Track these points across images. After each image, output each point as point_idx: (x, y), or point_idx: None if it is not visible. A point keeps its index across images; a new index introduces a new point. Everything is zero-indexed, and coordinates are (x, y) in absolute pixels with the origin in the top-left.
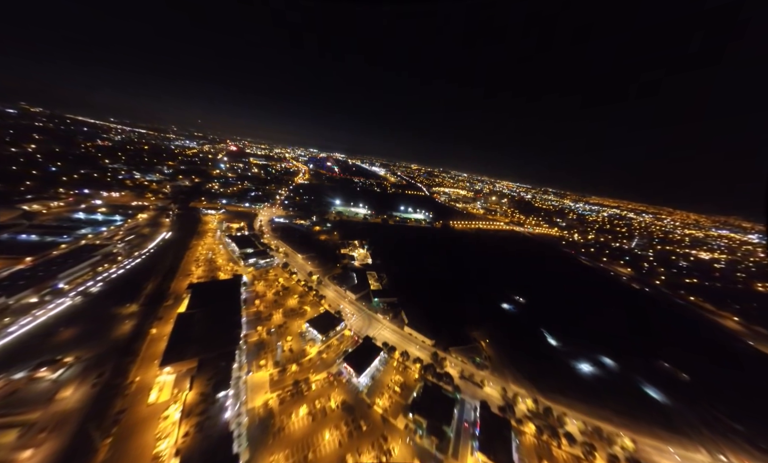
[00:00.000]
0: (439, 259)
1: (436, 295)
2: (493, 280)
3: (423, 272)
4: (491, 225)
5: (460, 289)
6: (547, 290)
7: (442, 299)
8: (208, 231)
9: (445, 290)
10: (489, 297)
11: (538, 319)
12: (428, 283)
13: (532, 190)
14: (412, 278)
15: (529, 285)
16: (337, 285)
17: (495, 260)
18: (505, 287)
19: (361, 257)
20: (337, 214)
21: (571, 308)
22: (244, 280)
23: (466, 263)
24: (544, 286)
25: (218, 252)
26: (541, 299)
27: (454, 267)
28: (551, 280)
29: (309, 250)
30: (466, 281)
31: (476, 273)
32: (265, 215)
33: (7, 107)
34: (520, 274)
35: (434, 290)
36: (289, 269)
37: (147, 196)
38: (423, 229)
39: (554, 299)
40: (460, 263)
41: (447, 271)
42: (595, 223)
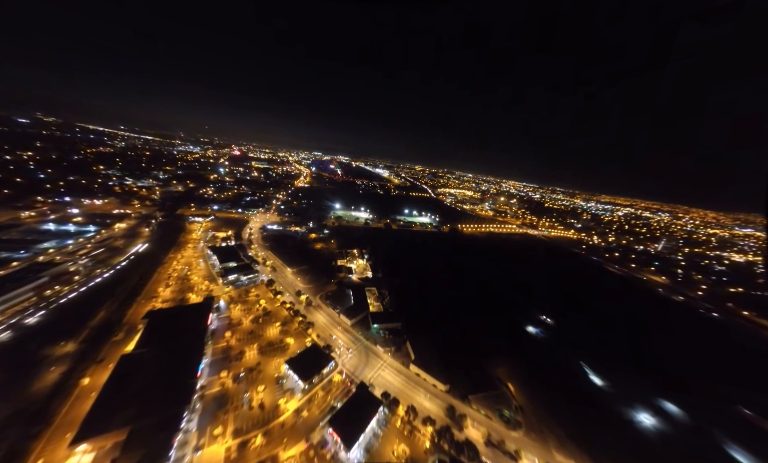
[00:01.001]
0: (449, 270)
1: (447, 316)
2: (512, 295)
3: (430, 286)
4: (502, 228)
5: (474, 307)
6: (577, 307)
7: (454, 322)
8: (190, 241)
9: (457, 309)
10: (510, 318)
11: (572, 346)
12: (437, 301)
13: (540, 190)
14: (418, 294)
15: (554, 301)
16: (330, 306)
17: (511, 270)
18: (528, 305)
19: (360, 268)
20: (336, 219)
21: (609, 331)
22: (220, 304)
23: (479, 274)
24: (572, 302)
25: (196, 267)
26: (572, 320)
27: (465, 280)
28: (579, 293)
29: (301, 262)
30: (481, 297)
31: (492, 287)
32: (258, 222)
33: (21, 117)
34: (542, 286)
35: (444, 310)
36: (274, 287)
37: (132, 203)
38: (429, 234)
39: (587, 318)
40: (473, 274)
41: (458, 284)
42: (613, 224)
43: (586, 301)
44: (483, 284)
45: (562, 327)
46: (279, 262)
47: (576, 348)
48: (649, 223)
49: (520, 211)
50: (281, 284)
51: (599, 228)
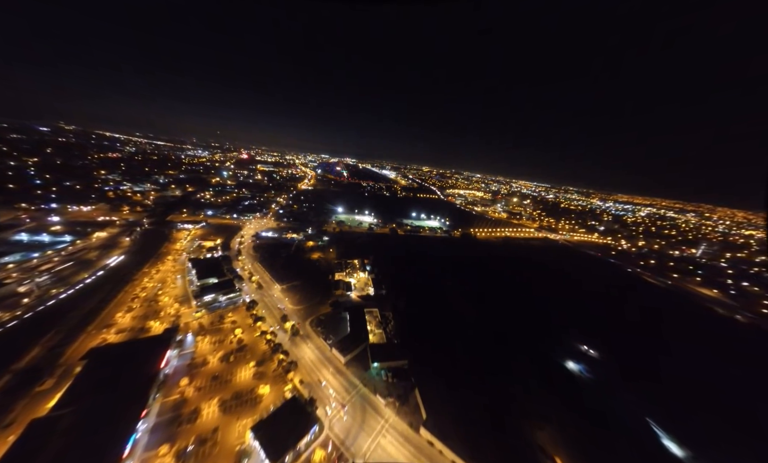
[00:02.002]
0: (463, 284)
1: (464, 347)
2: (542, 316)
3: (442, 306)
4: (519, 232)
5: (497, 333)
6: (624, 331)
7: (474, 356)
8: (172, 252)
9: (477, 337)
10: (544, 349)
11: (629, 391)
12: (451, 325)
13: (553, 190)
14: (428, 317)
15: (594, 324)
16: (322, 336)
17: (537, 284)
18: (563, 329)
19: (360, 283)
20: (338, 224)
21: (672, 366)
22: (186, 338)
23: (499, 289)
24: (616, 324)
25: (170, 284)
26: (621, 350)
27: (484, 296)
28: (622, 313)
29: (293, 276)
30: (504, 319)
31: (515, 305)
32: (252, 229)
33: (42, 125)
34: (577, 304)
35: (460, 338)
36: (256, 311)
37: (122, 209)
38: (439, 240)
39: (640, 348)
40: (491, 288)
41: (475, 302)
42: (638, 225)
43: (633, 323)
44: (505, 301)
45: (610, 362)
46: (267, 276)
47: (634, 395)
48: (676, 225)
49: (535, 212)
50: (266, 305)
51: (624, 231)
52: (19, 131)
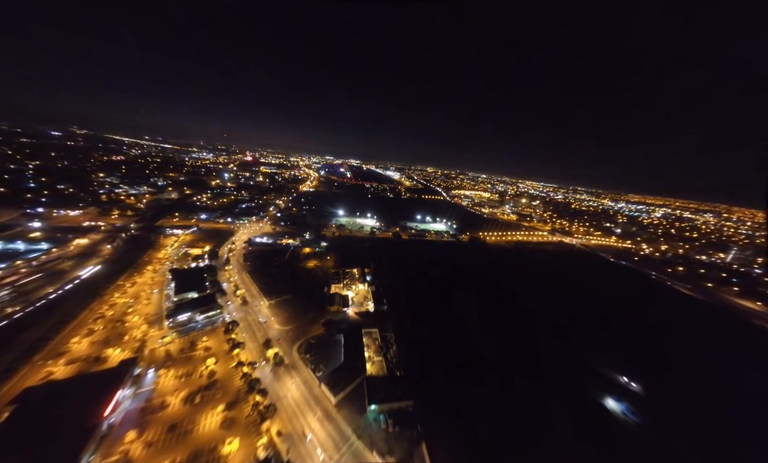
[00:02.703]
0: (475, 297)
1: (481, 380)
2: (568, 338)
3: (453, 325)
4: (532, 236)
5: (517, 360)
6: (666, 355)
7: (494, 390)
8: (154, 261)
9: (495, 365)
10: (575, 380)
11: (688, 442)
12: (464, 350)
13: (561, 190)
14: (437, 339)
15: (630, 348)
16: (310, 365)
17: (558, 297)
18: (596, 356)
19: (359, 297)
20: (338, 228)
21: (739, 402)
22: (148, 372)
23: (515, 303)
24: (655, 348)
25: (144, 300)
26: (670, 383)
27: (500, 313)
28: (660, 333)
29: (284, 288)
30: (525, 341)
31: (536, 323)
32: (246, 233)
33: (54, 130)
34: (608, 323)
35: (476, 366)
36: (235, 333)
37: (112, 213)
38: (446, 245)
39: (691, 380)
40: (508, 303)
41: (490, 321)
42: (657, 228)
43: (675, 345)
44: (524, 318)
45: (658, 400)
46: (255, 289)
47: (696, 449)
48: (696, 226)
49: (546, 214)
50: (249, 326)
51: (645, 233)
52: (30, 136)
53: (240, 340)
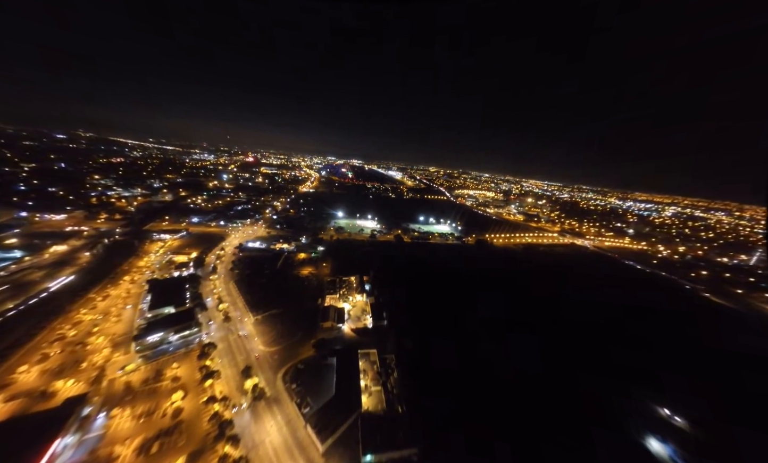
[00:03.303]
0: (488, 310)
1: (501, 418)
2: (596, 360)
3: (463, 346)
4: (541, 237)
5: (541, 391)
6: (720, 385)
7: (518, 435)
8: (134, 270)
9: (516, 394)
10: (611, 415)
11: None
12: (478, 377)
13: (566, 189)
14: (445, 364)
15: (668, 373)
16: (296, 399)
17: (579, 311)
18: (628, 383)
19: (357, 310)
20: (337, 231)
21: None
22: (99, 412)
23: (534, 318)
24: (698, 374)
25: (114, 316)
26: (730, 420)
27: (517, 330)
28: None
29: (273, 300)
30: (557, 365)
31: (559, 343)
32: (238, 238)
33: (59, 133)
34: (638, 341)
35: (492, 399)
36: (211, 359)
37: (99, 217)
38: (451, 249)
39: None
40: (525, 317)
41: (506, 340)
42: (670, 227)
43: (726, 370)
44: (544, 337)
45: (712, 442)
46: (241, 302)
47: None
48: (710, 225)
49: (553, 214)
50: (229, 347)
51: (659, 234)
52: (34, 138)
53: (215, 367)
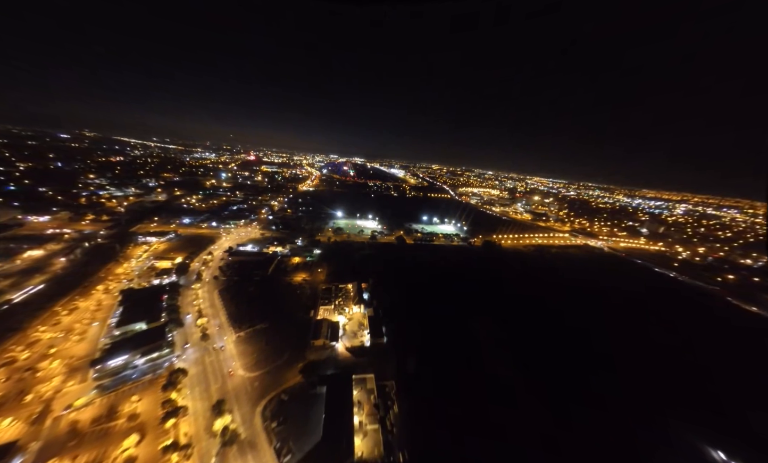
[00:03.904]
0: (501, 325)
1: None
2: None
3: (475, 370)
4: (551, 238)
5: (587, 431)
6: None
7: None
8: (111, 278)
9: (539, 430)
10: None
11: None
12: (494, 408)
13: (572, 186)
14: (454, 392)
15: (718, 403)
16: (276, 442)
17: (601, 323)
18: (674, 413)
19: (353, 324)
20: (336, 232)
21: None
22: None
23: (555, 334)
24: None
25: (76, 335)
26: None
27: (536, 349)
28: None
29: (260, 313)
30: (576, 392)
31: (584, 365)
32: (229, 240)
33: (63, 133)
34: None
35: (513, 432)
36: (178, 389)
37: (85, 218)
38: (456, 251)
39: None
40: (545, 333)
41: (524, 360)
42: (684, 226)
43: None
44: (568, 357)
45: None
46: (223, 316)
47: None
48: (725, 224)
49: (562, 212)
50: (203, 373)
51: (676, 233)
52: (37, 138)
53: (182, 400)
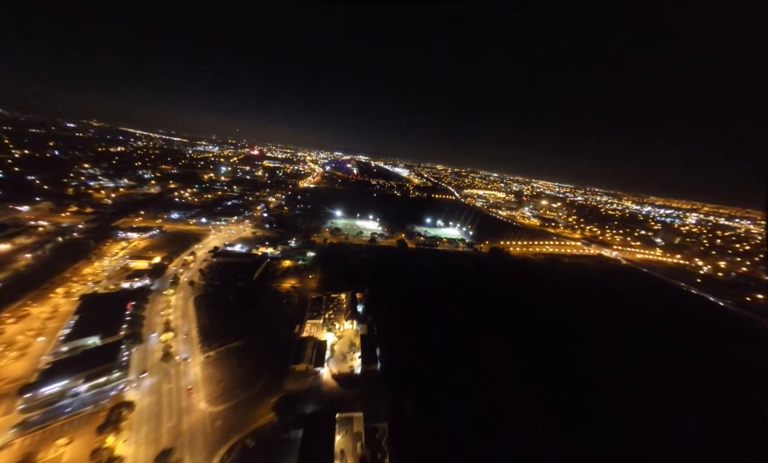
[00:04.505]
0: (514, 349)
1: None
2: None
3: (489, 406)
4: (563, 247)
5: None
6: None
7: None
8: (77, 279)
9: None
10: None
11: None
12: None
13: (579, 191)
14: (462, 441)
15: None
16: None
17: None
18: None
19: (343, 343)
20: (333, 232)
21: None
22: None
23: (578, 366)
24: None
25: (16, 351)
26: None
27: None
28: None
29: (237, 328)
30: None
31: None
32: (217, 238)
33: (71, 122)
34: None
35: None
36: (120, 428)
37: (67, 209)
38: (462, 258)
39: None
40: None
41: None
42: (699, 237)
43: None
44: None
45: None
46: (194, 330)
47: None
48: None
49: (571, 218)
50: (156, 406)
51: (694, 245)
52: (41, 127)
53: (121, 447)
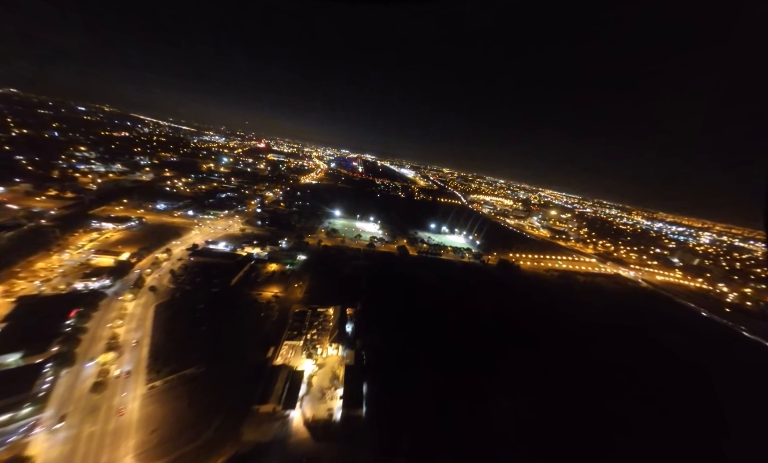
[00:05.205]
0: (536, 401)
1: None
2: None
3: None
4: (576, 263)
5: None
6: None
7: None
8: (27, 275)
9: None
10: None
11: None
12: None
13: (587, 203)
14: None
15: None
16: None
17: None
18: None
19: (323, 374)
20: (330, 233)
21: None
22: None
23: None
24: None
25: None
26: None
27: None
28: None
29: (197, 349)
30: None
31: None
32: (201, 234)
33: (81, 106)
34: None
35: None
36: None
37: (45, 193)
38: (468, 270)
39: None
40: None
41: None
42: (718, 258)
43: None
44: None
45: None
46: (144, 350)
47: None
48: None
49: (582, 231)
50: (72, 458)
51: (716, 269)
52: (51, 109)
53: None
